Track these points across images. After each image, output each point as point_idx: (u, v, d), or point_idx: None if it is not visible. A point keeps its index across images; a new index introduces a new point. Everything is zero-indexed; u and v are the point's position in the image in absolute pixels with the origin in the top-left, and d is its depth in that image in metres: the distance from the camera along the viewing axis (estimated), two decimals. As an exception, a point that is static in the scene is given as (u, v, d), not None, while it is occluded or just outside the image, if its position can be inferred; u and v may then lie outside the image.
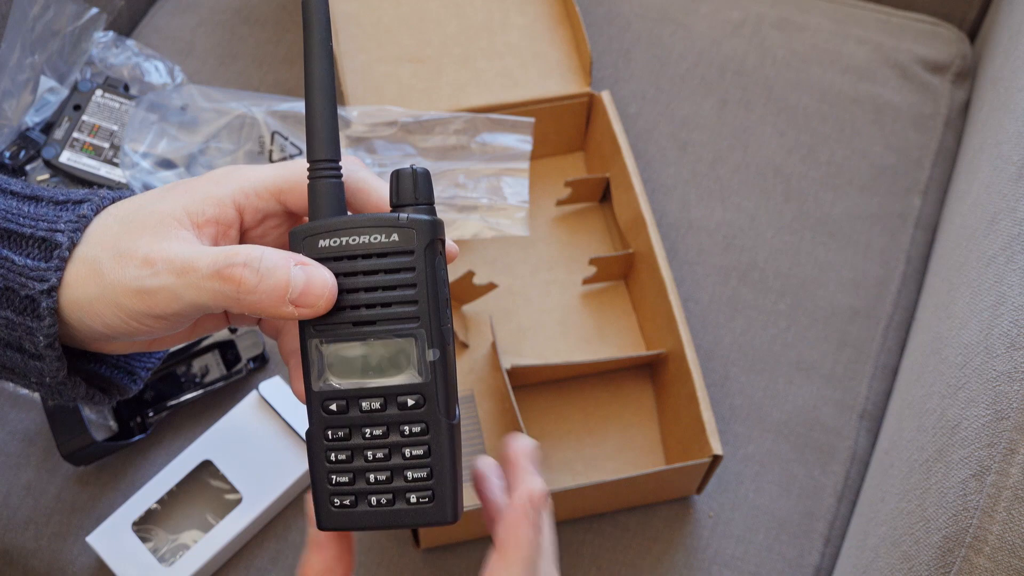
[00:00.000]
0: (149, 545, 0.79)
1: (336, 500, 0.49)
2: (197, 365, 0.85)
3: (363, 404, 0.48)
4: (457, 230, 0.85)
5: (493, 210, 0.86)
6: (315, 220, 0.49)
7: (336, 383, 0.48)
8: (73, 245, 0.47)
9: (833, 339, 0.90)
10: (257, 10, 1.04)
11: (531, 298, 0.90)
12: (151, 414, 0.83)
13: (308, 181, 0.49)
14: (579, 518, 0.81)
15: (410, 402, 0.48)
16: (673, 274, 0.86)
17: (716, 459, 0.75)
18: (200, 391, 0.84)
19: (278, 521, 0.81)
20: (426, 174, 0.49)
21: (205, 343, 0.85)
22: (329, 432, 0.49)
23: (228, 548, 0.79)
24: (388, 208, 0.50)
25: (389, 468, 0.48)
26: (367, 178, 0.51)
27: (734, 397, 0.87)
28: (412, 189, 0.49)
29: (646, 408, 0.86)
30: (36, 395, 0.84)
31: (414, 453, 0.48)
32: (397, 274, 0.47)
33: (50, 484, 0.82)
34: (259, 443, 0.81)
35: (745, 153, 0.97)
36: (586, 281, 0.90)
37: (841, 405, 0.87)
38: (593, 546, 0.81)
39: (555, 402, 0.85)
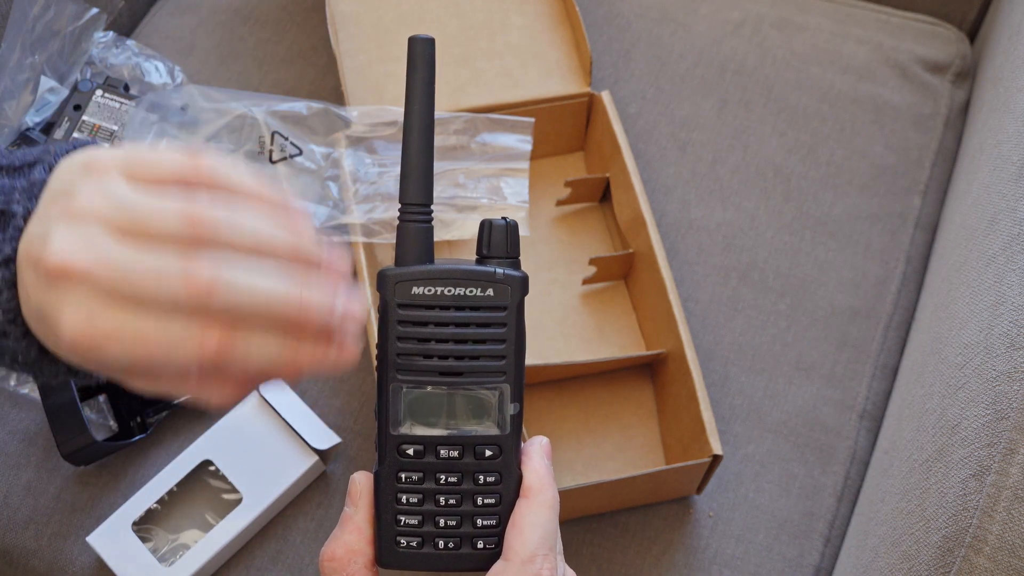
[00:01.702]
0: (149, 545, 0.79)
1: (402, 541, 0.50)
2: (197, 365, 0.85)
3: (441, 451, 0.49)
4: (457, 230, 0.85)
5: (493, 210, 0.86)
6: (404, 264, 0.49)
7: (416, 428, 0.49)
8: (28, 213, 0.45)
9: (833, 339, 0.90)
10: (257, 10, 1.04)
11: (531, 298, 0.89)
12: (151, 414, 0.83)
13: (398, 223, 0.49)
14: (579, 518, 0.81)
15: (488, 453, 0.49)
16: (673, 274, 0.86)
17: (716, 459, 0.75)
18: (200, 391, 0.84)
19: (278, 521, 0.81)
20: (516, 227, 0.50)
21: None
22: (402, 475, 0.49)
23: (228, 548, 0.79)
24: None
25: (459, 514, 0.50)
26: None
27: (734, 397, 0.87)
28: (504, 243, 0.50)
29: (646, 408, 0.86)
30: (36, 395, 0.84)
31: (486, 501, 0.50)
32: (488, 328, 0.48)
33: (50, 484, 0.82)
34: (259, 443, 0.81)
35: (745, 153, 0.97)
36: (586, 281, 0.90)
37: (841, 405, 0.87)
38: (593, 546, 0.81)
39: (555, 402, 0.85)
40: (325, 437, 0.81)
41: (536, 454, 0.51)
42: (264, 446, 0.81)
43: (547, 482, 0.50)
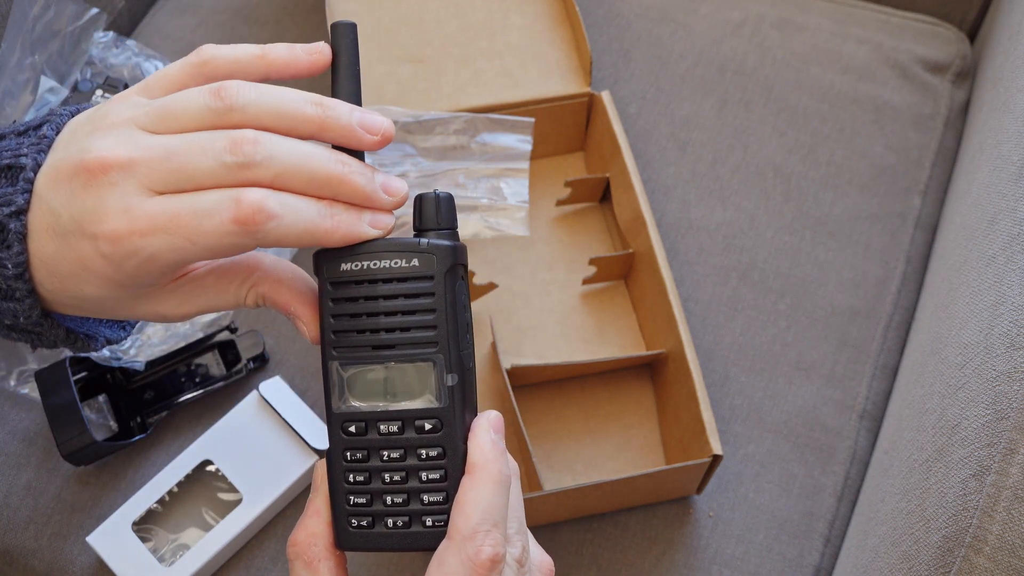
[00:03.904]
0: (149, 545, 0.79)
1: (354, 521, 0.49)
2: (197, 365, 0.85)
3: (381, 427, 0.49)
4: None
5: (493, 210, 0.86)
6: None
7: (356, 405, 0.49)
8: (37, 165, 0.46)
9: (833, 339, 0.90)
10: (257, 10, 1.04)
11: (531, 298, 0.90)
12: (151, 414, 0.83)
13: None
14: (579, 518, 0.81)
15: (427, 426, 0.48)
16: (673, 274, 0.86)
17: (716, 459, 0.75)
18: (200, 391, 0.84)
19: (278, 521, 0.82)
20: (449, 199, 0.49)
21: (205, 343, 0.85)
22: (348, 453, 0.49)
23: (228, 548, 0.79)
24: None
25: (406, 491, 0.49)
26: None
27: (734, 397, 0.87)
28: (435, 214, 0.49)
29: (646, 408, 0.86)
30: (36, 395, 0.84)
31: (431, 477, 0.49)
32: (416, 299, 0.48)
33: (50, 484, 0.82)
34: (259, 443, 0.81)
35: (745, 153, 0.97)
36: (586, 281, 0.90)
37: (841, 405, 0.87)
38: (593, 546, 0.81)
39: (555, 402, 0.85)
40: (325, 437, 0.81)
41: (482, 429, 0.49)
42: (264, 446, 0.81)
43: (491, 456, 0.48)
